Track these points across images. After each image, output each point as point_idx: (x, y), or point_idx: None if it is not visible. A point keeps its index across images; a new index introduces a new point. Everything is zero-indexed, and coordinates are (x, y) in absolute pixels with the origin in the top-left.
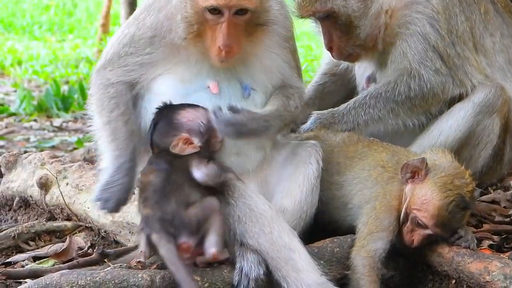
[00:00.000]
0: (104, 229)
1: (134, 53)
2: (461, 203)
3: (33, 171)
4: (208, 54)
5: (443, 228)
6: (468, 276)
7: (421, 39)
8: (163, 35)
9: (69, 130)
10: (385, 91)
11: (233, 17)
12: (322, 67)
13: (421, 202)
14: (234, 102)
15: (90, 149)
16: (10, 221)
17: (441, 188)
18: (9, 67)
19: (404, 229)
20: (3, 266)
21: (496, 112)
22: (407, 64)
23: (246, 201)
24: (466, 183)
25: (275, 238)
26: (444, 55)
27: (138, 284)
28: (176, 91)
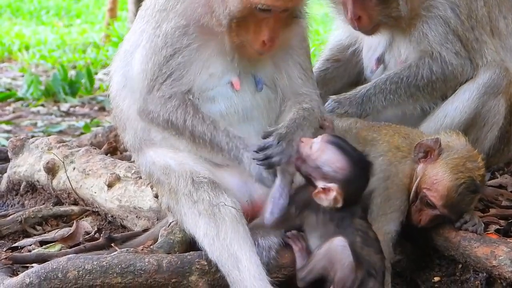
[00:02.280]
0: (111, 213)
1: (174, 53)
2: (472, 186)
3: (40, 155)
4: (243, 45)
5: (451, 210)
6: (475, 261)
7: (442, 22)
8: (198, 19)
9: (76, 115)
10: (406, 76)
11: (280, 14)
12: (326, 53)
13: (431, 182)
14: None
15: (97, 134)
16: (17, 206)
17: (453, 169)
18: (17, 52)
19: (413, 208)
20: (10, 250)
21: (501, 93)
22: (427, 45)
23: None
24: (478, 166)
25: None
26: (463, 39)
27: (145, 268)
28: (203, 86)
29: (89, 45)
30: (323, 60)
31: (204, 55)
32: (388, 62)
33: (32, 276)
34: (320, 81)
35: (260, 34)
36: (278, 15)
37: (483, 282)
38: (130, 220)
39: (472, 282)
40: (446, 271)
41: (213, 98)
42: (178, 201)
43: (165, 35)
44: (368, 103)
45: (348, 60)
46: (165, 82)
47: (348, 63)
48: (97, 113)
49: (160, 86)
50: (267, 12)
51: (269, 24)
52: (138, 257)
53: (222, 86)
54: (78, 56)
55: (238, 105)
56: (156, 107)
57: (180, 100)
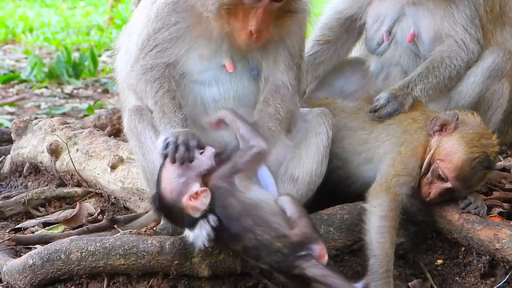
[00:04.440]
0: (114, 195)
1: (162, 27)
2: (485, 162)
3: (43, 137)
4: (232, 33)
5: (462, 183)
6: (478, 244)
7: (472, 6)
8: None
9: (79, 97)
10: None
11: (269, 4)
12: (317, 33)
13: (446, 153)
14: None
15: (101, 116)
16: (20, 187)
17: (468, 143)
18: (20, 34)
19: (424, 181)
20: (13, 232)
21: (505, 76)
22: (452, 26)
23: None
24: (492, 144)
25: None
26: (485, 28)
27: (148, 250)
28: (195, 67)
29: (93, 27)
30: (314, 42)
31: (191, 35)
32: (395, 34)
33: (35, 257)
34: (311, 65)
35: (247, 24)
36: (268, 6)
37: (486, 265)
38: (133, 202)
39: (475, 265)
40: (449, 254)
41: (208, 81)
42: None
43: (157, 9)
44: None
45: (338, 38)
46: (150, 52)
47: (338, 42)
48: (100, 95)
49: (145, 56)
50: (256, 1)
51: (258, 15)
52: (141, 238)
53: (215, 69)
54: (82, 38)
55: (232, 90)
56: (138, 74)
57: (161, 73)
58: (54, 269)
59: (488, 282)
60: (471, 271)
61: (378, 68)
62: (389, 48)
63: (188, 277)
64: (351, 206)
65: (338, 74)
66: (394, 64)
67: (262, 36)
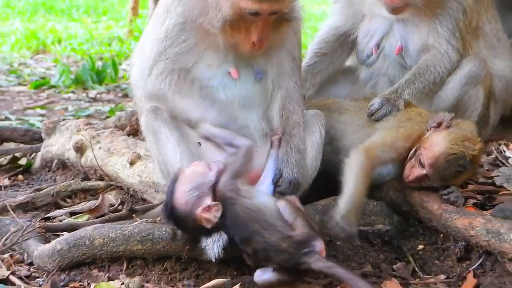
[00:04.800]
0: (132, 188)
1: (172, 44)
2: (461, 160)
3: (70, 136)
4: (237, 45)
5: (435, 172)
6: (455, 231)
7: (453, 21)
8: (194, 18)
9: (102, 100)
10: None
11: (267, 17)
12: (314, 46)
13: (430, 144)
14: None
15: (121, 117)
16: (49, 181)
17: (451, 140)
18: (50, 45)
19: (408, 164)
20: (43, 220)
21: (480, 83)
22: (436, 39)
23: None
24: (473, 148)
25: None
26: (464, 39)
27: (162, 236)
28: (204, 75)
29: (114, 39)
30: (312, 54)
31: (200, 48)
32: (383, 48)
33: (62, 243)
34: (309, 74)
35: (250, 35)
36: (267, 18)
37: (462, 249)
38: (149, 194)
39: (452, 249)
40: (429, 240)
41: (215, 87)
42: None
43: (166, 30)
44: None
45: (334, 51)
46: (162, 61)
47: (333, 54)
48: (121, 99)
49: (156, 65)
50: (256, 16)
51: (258, 27)
52: (156, 226)
53: (221, 75)
54: (104, 48)
55: (237, 93)
56: (151, 80)
57: (172, 71)
58: (79, 253)
59: (463, 265)
60: (449, 255)
61: (367, 77)
62: (377, 60)
63: (198, 261)
64: None
65: (332, 82)
66: (382, 74)
67: (263, 44)
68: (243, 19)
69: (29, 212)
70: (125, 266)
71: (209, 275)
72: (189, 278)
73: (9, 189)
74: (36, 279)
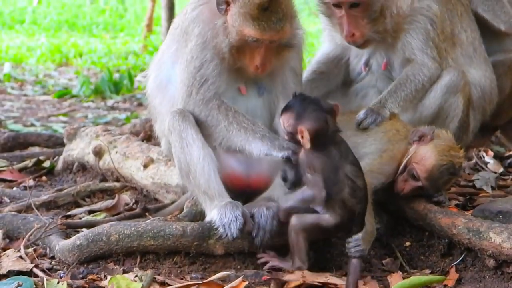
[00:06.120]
0: (146, 188)
1: (201, 65)
2: (451, 169)
3: (89, 141)
4: (243, 67)
5: (430, 183)
6: (439, 229)
7: (423, 32)
8: (210, 40)
9: (119, 109)
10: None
11: (269, 44)
12: (313, 65)
13: (420, 158)
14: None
15: (136, 124)
16: (70, 182)
17: (440, 152)
18: (72, 58)
19: (400, 178)
20: (64, 218)
21: (459, 91)
22: (411, 52)
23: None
24: (458, 156)
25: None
26: (438, 48)
27: (173, 233)
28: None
29: (130, 53)
30: (311, 71)
31: (222, 68)
32: (371, 65)
33: (82, 238)
34: (308, 89)
35: (253, 60)
36: (268, 45)
37: (445, 246)
38: (161, 194)
39: (436, 246)
40: (415, 238)
41: (228, 100)
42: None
43: (190, 51)
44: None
45: (331, 71)
46: (202, 87)
47: (330, 73)
48: (136, 108)
49: (198, 90)
50: (258, 43)
51: (261, 53)
52: (167, 224)
53: (233, 92)
54: (121, 62)
55: (245, 106)
56: (198, 107)
57: (219, 101)
58: (97, 248)
59: (447, 260)
60: (433, 251)
61: (358, 89)
62: (366, 76)
63: (205, 255)
64: None
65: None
66: (371, 86)
67: (266, 68)
68: (247, 45)
69: (52, 210)
70: (139, 260)
71: (215, 268)
72: (196, 271)
73: (33, 189)
74: (57, 272)
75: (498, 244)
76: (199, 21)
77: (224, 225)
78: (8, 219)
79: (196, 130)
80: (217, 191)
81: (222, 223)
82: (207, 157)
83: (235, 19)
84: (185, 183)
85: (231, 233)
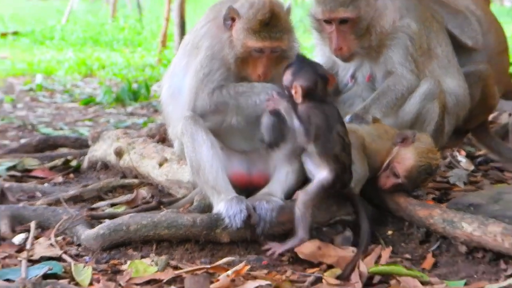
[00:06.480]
0: (160, 184)
1: (209, 72)
2: (428, 169)
3: (111, 143)
4: (247, 75)
5: (409, 181)
6: (417, 220)
7: (403, 47)
8: (218, 52)
9: (137, 115)
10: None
11: (270, 54)
12: None
13: (401, 158)
14: None
15: (152, 128)
16: (94, 179)
17: (419, 154)
18: (96, 70)
19: (383, 175)
20: (89, 210)
21: (436, 98)
22: (393, 65)
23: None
24: (436, 158)
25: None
26: (416, 61)
27: (184, 223)
28: None
29: (147, 66)
30: None
31: (226, 75)
32: (357, 77)
33: (104, 228)
34: None
35: (256, 69)
36: (269, 55)
37: (423, 234)
38: (174, 189)
39: (415, 235)
40: (396, 227)
41: None
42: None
43: (200, 62)
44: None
45: None
46: (207, 86)
47: None
48: (152, 114)
49: (203, 88)
50: (260, 53)
51: (263, 62)
52: (180, 215)
53: None
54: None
55: None
56: (204, 101)
57: (221, 88)
58: (118, 236)
59: (424, 247)
60: (412, 239)
61: (346, 98)
62: (353, 87)
63: (212, 243)
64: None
65: None
66: (357, 96)
67: (267, 77)
68: (250, 56)
69: (78, 203)
70: (154, 247)
71: (221, 254)
72: (205, 257)
73: (62, 185)
74: (83, 257)
75: (469, 232)
76: (208, 36)
77: (230, 216)
78: (40, 212)
79: (206, 132)
80: (224, 187)
81: (228, 215)
82: (215, 157)
83: (240, 33)
84: (195, 180)
85: (236, 223)
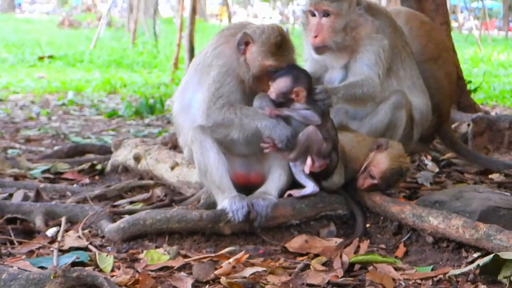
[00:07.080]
0: (172, 185)
1: (221, 86)
2: (399, 172)
3: (130, 150)
4: (260, 90)
5: (383, 182)
6: (391, 215)
7: (376, 53)
8: (232, 70)
9: (153, 125)
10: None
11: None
12: None
13: (377, 162)
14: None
15: (165, 137)
16: (116, 180)
17: (391, 158)
18: (119, 88)
19: (361, 176)
20: (112, 207)
21: (403, 107)
22: (364, 68)
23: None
24: (406, 162)
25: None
26: (382, 69)
27: (193, 218)
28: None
29: (162, 84)
30: None
31: (237, 87)
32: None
33: (124, 222)
34: None
35: (269, 85)
36: None
37: (396, 227)
38: (184, 189)
39: (389, 227)
40: (373, 221)
41: None
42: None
43: (213, 77)
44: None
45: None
46: (219, 99)
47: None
48: (166, 125)
49: (215, 102)
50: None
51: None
52: (189, 211)
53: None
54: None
55: None
56: (216, 115)
57: (230, 105)
58: (136, 230)
59: (397, 238)
60: (387, 231)
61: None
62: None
63: (216, 235)
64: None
65: None
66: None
67: None
68: (266, 74)
69: (102, 201)
70: (167, 238)
71: (224, 244)
72: (210, 247)
73: (88, 185)
74: (106, 247)
75: (435, 225)
76: (222, 56)
77: (233, 211)
78: (69, 208)
79: (213, 140)
80: (227, 186)
81: (232, 210)
82: (220, 160)
83: (257, 55)
84: (203, 180)
85: (238, 217)
